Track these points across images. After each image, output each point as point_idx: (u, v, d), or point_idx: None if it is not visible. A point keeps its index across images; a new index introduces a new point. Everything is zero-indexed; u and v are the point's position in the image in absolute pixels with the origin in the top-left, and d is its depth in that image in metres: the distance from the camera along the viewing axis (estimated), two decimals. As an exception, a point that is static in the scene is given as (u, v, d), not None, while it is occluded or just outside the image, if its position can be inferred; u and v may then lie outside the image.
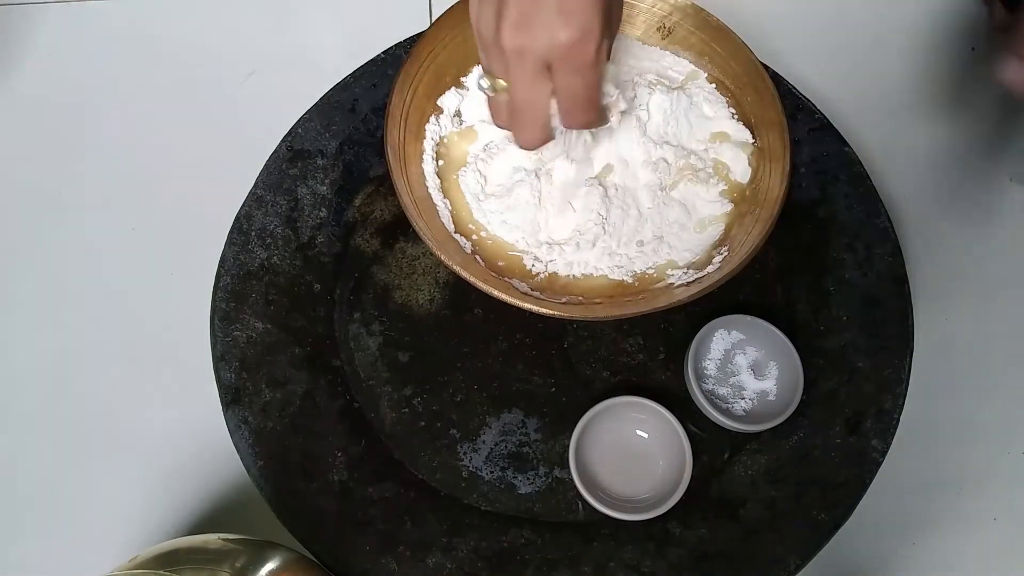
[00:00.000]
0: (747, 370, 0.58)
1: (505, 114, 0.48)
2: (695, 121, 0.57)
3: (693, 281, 0.53)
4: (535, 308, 0.50)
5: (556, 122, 0.48)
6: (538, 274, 0.54)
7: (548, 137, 0.48)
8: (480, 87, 0.47)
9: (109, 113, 0.72)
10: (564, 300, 0.53)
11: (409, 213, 0.52)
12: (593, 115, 0.47)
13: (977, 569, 0.59)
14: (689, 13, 0.58)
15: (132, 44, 0.75)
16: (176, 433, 0.62)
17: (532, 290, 0.53)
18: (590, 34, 0.42)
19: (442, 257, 0.51)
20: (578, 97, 0.45)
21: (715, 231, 0.55)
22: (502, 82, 0.45)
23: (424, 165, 0.57)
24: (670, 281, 0.54)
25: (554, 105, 0.46)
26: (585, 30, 0.41)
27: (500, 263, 0.55)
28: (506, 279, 0.54)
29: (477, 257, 0.55)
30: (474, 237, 0.56)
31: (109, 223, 0.68)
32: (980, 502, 0.61)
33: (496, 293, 0.50)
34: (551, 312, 0.50)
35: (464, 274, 0.50)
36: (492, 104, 0.48)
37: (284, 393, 0.58)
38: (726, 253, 0.53)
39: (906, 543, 0.60)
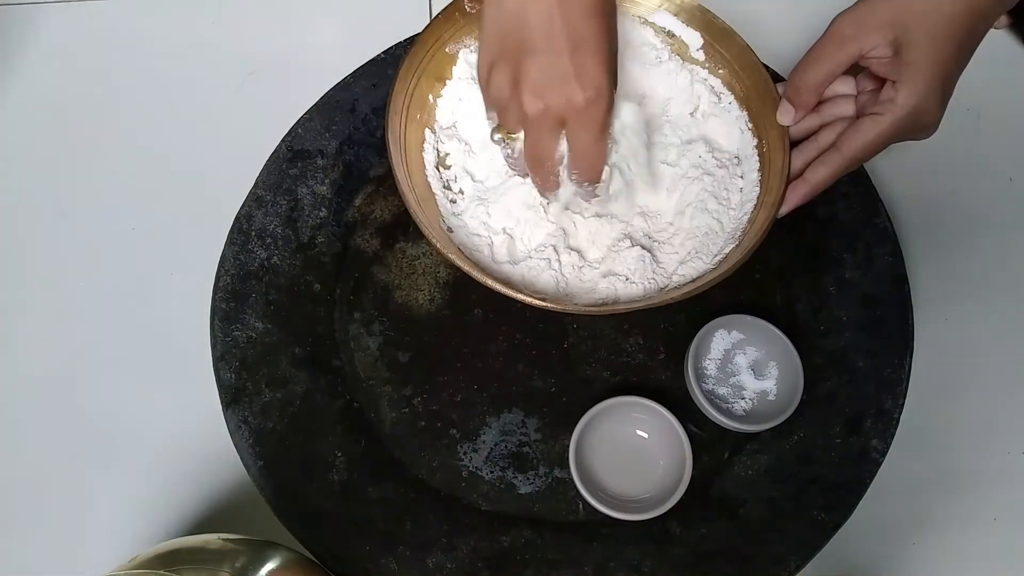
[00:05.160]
0: (747, 370, 0.58)
1: (520, 164, 0.51)
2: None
3: (689, 281, 0.53)
4: (527, 299, 0.49)
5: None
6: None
7: (558, 184, 0.51)
8: (494, 141, 0.51)
9: (109, 113, 0.72)
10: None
11: (407, 199, 0.52)
12: (599, 169, 0.50)
13: (977, 569, 0.59)
14: (695, 15, 0.58)
15: (132, 44, 0.75)
16: (176, 433, 0.62)
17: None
18: (601, 96, 0.45)
19: (435, 243, 0.50)
20: (588, 152, 0.48)
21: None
22: (517, 136, 0.49)
23: (425, 154, 0.57)
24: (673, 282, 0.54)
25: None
26: (597, 93, 0.45)
27: None
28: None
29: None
30: None
31: (109, 223, 0.68)
32: (980, 502, 0.61)
33: (488, 281, 0.50)
34: (544, 304, 0.49)
35: (455, 259, 0.50)
36: (507, 156, 0.52)
37: (284, 393, 0.58)
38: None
39: (906, 543, 0.60)
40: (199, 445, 0.61)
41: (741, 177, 0.57)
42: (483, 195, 0.57)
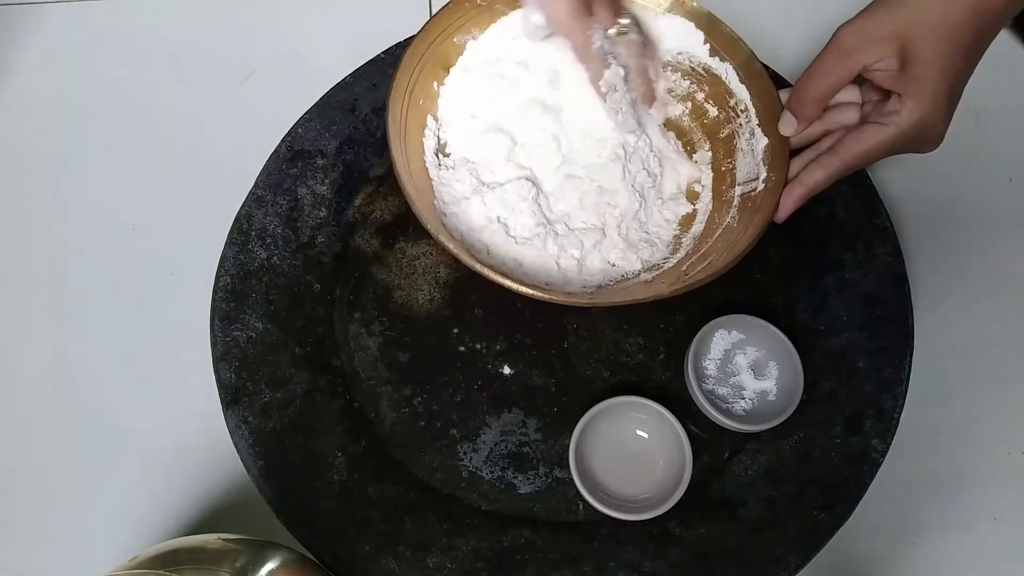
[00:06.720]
0: (747, 370, 0.58)
1: None
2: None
3: (685, 280, 0.53)
4: (518, 288, 0.49)
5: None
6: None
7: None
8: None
9: (109, 113, 0.72)
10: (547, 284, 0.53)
11: (402, 181, 0.52)
12: None
13: (977, 569, 0.59)
14: (703, 23, 0.58)
15: (132, 44, 0.75)
16: (176, 433, 0.62)
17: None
18: None
19: (427, 225, 0.50)
20: None
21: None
22: None
23: (425, 140, 0.57)
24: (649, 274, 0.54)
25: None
26: None
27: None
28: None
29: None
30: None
31: (109, 223, 0.68)
32: (980, 502, 0.61)
33: (475, 266, 0.49)
34: (536, 294, 0.49)
35: (444, 241, 0.50)
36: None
37: (284, 393, 0.58)
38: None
39: (906, 543, 0.60)
40: (199, 445, 0.61)
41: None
42: (480, 184, 0.57)
